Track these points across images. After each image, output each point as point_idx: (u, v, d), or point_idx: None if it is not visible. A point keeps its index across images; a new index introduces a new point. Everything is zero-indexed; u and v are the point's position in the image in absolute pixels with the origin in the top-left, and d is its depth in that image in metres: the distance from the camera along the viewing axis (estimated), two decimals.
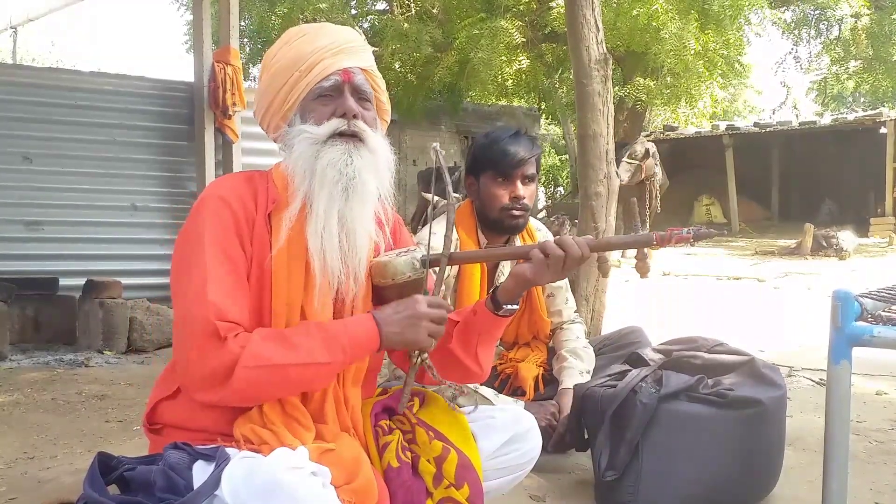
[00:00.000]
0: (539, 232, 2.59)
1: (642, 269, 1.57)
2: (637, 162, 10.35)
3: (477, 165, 2.43)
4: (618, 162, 6.97)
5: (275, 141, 1.50)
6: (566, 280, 2.81)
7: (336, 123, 1.41)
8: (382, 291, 1.46)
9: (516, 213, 2.39)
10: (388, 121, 1.57)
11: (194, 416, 1.35)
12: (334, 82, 1.44)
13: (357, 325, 1.36)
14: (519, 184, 2.38)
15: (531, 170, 2.40)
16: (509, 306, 1.48)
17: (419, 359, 1.41)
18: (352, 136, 1.42)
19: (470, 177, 2.47)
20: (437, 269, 1.43)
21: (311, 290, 1.38)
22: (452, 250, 1.51)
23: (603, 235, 3.42)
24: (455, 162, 15.39)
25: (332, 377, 1.37)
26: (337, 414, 1.40)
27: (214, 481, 1.16)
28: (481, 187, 2.43)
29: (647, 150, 10.68)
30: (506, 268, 2.46)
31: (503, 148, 2.37)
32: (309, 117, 1.43)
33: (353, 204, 1.39)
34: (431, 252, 1.43)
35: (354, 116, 1.43)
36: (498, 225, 2.43)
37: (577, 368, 2.49)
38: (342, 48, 1.46)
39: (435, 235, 1.49)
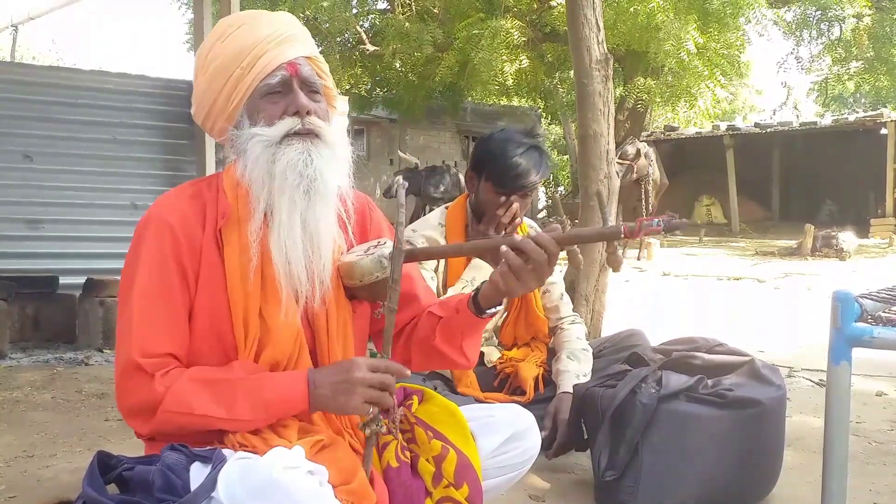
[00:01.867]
0: (532, 229, 2.59)
1: (613, 262, 1.52)
2: (628, 162, 10.35)
3: (481, 167, 2.42)
4: None
5: (221, 143, 1.44)
6: (559, 276, 2.80)
7: (289, 123, 1.33)
8: (353, 291, 1.42)
9: (504, 226, 2.39)
10: (337, 107, 1.49)
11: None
12: (281, 77, 1.35)
13: (287, 383, 1.29)
14: (516, 200, 2.37)
15: (532, 188, 2.39)
16: (491, 309, 1.43)
17: (371, 431, 1.30)
18: (307, 134, 1.34)
19: (472, 172, 2.47)
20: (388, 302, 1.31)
21: (275, 303, 1.32)
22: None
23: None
24: (455, 161, 15.39)
25: (257, 428, 1.29)
26: (326, 416, 1.38)
27: (211, 483, 1.16)
28: (480, 189, 2.43)
29: (638, 151, 10.68)
30: None
31: (510, 165, 2.34)
32: (258, 118, 1.35)
33: (317, 206, 1.33)
34: (405, 245, 1.34)
35: (308, 113, 1.35)
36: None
37: (574, 372, 2.47)
38: (284, 37, 1.37)
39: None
